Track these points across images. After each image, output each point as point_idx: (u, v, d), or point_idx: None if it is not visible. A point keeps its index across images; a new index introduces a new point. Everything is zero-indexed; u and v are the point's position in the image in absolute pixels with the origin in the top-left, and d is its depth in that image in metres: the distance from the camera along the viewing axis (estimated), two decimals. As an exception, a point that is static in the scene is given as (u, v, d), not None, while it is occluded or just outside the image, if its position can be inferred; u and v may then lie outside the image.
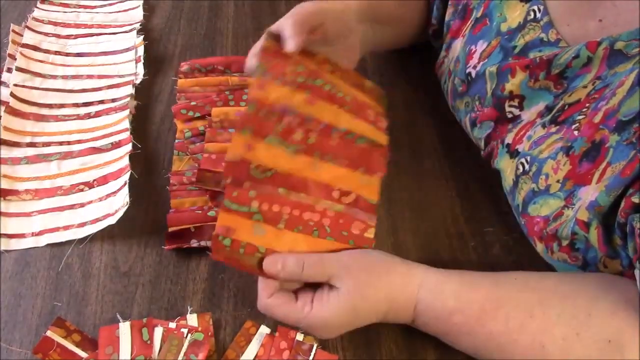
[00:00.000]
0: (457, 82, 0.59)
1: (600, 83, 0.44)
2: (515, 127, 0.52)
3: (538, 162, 0.48)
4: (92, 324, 0.49)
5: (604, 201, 0.40)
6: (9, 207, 0.56)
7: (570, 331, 0.40)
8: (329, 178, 0.50)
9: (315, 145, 0.50)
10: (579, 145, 0.44)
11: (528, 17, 0.51)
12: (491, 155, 0.55)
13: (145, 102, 0.69)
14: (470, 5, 0.59)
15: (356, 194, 0.50)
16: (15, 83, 0.67)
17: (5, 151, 0.60)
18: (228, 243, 0.45)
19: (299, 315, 0.44)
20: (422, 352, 0.48)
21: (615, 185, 0.39)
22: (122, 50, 0.74)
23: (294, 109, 0.50)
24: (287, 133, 0.49)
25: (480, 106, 0.55)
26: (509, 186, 0.52)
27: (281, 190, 0.48)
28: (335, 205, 0.49)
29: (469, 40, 0.58)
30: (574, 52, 0.45)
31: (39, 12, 0.78)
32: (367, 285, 0.44)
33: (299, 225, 0.48)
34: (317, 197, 0.49)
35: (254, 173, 0.47)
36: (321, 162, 0.50)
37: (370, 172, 0.52)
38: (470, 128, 0.57)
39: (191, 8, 0.84)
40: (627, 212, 0.38)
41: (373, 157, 0.53)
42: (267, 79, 0.50)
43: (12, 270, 0.52)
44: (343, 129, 0.52)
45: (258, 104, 0.49)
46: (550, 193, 0.46)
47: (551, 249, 0.46)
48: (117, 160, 0.60)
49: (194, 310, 0.50)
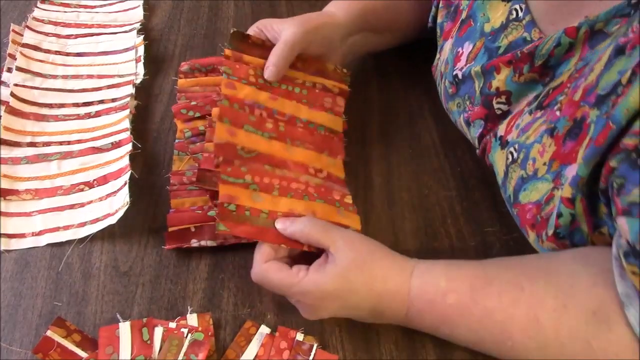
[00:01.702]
0: (447, 84, 0.59)
1: (581, 63, 0.44)
2: (506, 119, 0.52)
3: (525, 148, 0.48)
4: (92, 324, 0.49)
5: (583, 172, 0.40)
6: (9, 207, 0.56)
7: (559, 303, 0.41)
8: (303, 159, 0.57)
9: (285, 133, 0.57)
10: (562, 125, 0.44)
11: (510, 16, 0.51)
12: (485, 152, 0.55)
13: (145, 102, 0.69)
14: (461, 7, 0.59)
15: (327, 171, 0.57)
16: (16, 83, 0.67)
17: (5, 151, 0.60)
18: (233, 208, 0.49)
19: (292, 280, 0.45)
20: (422, 352, 0.48)
21: (591, 155, 0.39)
22: (122, 50, 0.74)
23: (261, 104, 0.57)
24: (259, 123, 0.56)
25: (471, 105, 0.55)
26: (501, 178, 0.52)
27: (267, 166, 0.54)
28: (313, 179, 0.56)
29: (456, 43, 0.58)
30: (554, 42, 0.45)
31: (39, 12, 0.78)
32: (364, 261, 0.46)
33: (290, 192, 0.53)
34: (297, 172, 0.55)
35: (241, 153, 0.53)
36: (293, 147, 0.57)
37: (334, 155, 0.59)
38: (466, 128, 0.58)
39: (191, 8, 0.84)
40: (607, 177, 0.38)
41: (333, 143, 0.60)
42: (233, 80, 0.57)
43: (12, 270, 0.52)
44: (305, 119, 0.59)
45: (230, 99, 0.56)
46: (538, 177, 0.46)
47: (541, 237, 0.46)
48: (117, 160, 0.60)
49: (194, 310, 0.50)
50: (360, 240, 0.48)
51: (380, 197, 0.60)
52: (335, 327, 0.50)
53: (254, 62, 0.59)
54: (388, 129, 0.67)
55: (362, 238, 0.49)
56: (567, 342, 0.40)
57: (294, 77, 0.61)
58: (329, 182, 0.57)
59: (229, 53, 0.59)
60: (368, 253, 0.47)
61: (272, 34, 0.60)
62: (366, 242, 0.48)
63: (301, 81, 0.61)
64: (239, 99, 0.56)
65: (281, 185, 0.53)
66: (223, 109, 0.55)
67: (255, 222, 0.49)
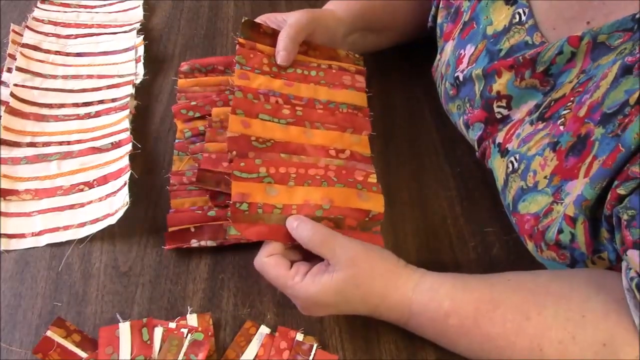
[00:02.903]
0: (447, 86, 0.59)
1: (584, 76, 0.44)
2: (506, 126, 0.52)
3: (526, 159, 0.48)
4: (92, 324, 0.49)
5: (589, 194, 0.40)
6: (9, 207, 0.56)
7: (567, 335, 0.40)
8: (323, 141, 0.56)
9: (303, 117, 0.56)
10: (565, 140, 0.44)
11: (513, 20, 0.51)
12: (484, 156, 0.56)
13: (145, 102, 0.69)
14: (462, 8, 0.59)
15: (350, 150, 0.56)
16: (16, 83, 0.67)
17: (5, 151, 0.60)
18: (246, 207, 0.48)
19: (287, 282, 0.45)
20: (422, 352, 0.48)
21: (598, 177, 0.39)
22: (122, 50, 0.74)
23: (276, 91, 0.57)
24: (275, 110, 0.55)
25: (471, 108, 0.55)
26: (501, 186, 0.52)
27: (283, 155, 0.53)
28: (334, 160, 0.54)
29: (458, 44, 0.58)
30: (556, 49, 0.45)
31: (39, 12, 0.78)
32: (363, 277, 0.45)
33: (307, 180, 0.52)
34: (316, 156, 0.54)
35: (255, 144, 0.52)
36: (312, 130, 0.56)
37: (358, 132, 0.58)
38: (465, 130, 0.58)
39: (191, 8, 0.84)
40: (613, 204, 0.38)
41: (357, 118, 0.59)
42: (246, 70, 0.57)
43: (12, 270, 0.52)
44: (324, 100, 0.59)
45: (244, 90, 0.55)
46: (538, 190, 0.46)
47: (540, 247, 0.46)
48: (117, 160, 0.60)
49: (194, 310, 0.50)
50: (365, 253, 0.46)
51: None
52: (335, 327, 0.50)
53: (266, 50, 0.60)
54: (388, 129, 0.67)
55: (366, 250, 0.46)
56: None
57: (309, 61, 0.61)
58: (352, 161, 0.55)
59: (243, 41, 0.59)
60: (369, 269, 0.45)
61: (277, 23, 0.61)
62: (370, 256, 0.46)
63: (316, 64, 0.61)
64: (252, 89, 0.56)
65: (298, 173, 0.52)
66: (236, 101, 0.54)
67: (267, 220, 0.49)
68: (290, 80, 0.59)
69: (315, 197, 0.51)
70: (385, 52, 0.73)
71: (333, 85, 0.60)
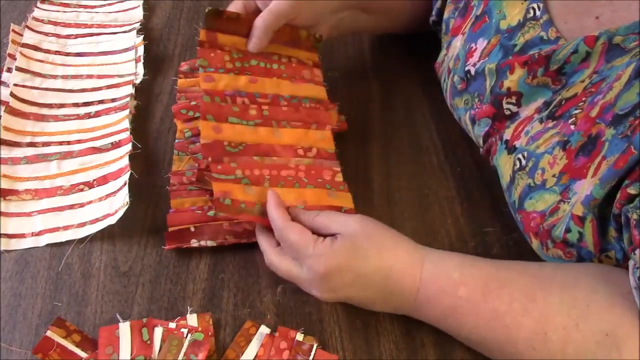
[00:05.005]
0: (456, 79, 0.59)
1: (597, 76, 0.44)
2: (513, 123, 0.52)
3: (535, 157, 0.48)
4: (92, 324, 0.49)
5: (599, 194, 0.40)
6: (9, 207, 0.56)
7: (571, 322, 0.40)
8: (290, 140, 0.57)
9: (270, 116, 0.57)
10: (575, 140, 0.44)
11: (527, 15, 0.51)
12: (490, 152, 0.56)
13: (145, 102, 0.69)
14: (471, 3, 0.59)
15: (316, 147, 0.57)
16: (15, 83, 0.67)
17: (5, 151, 0.60)
18: (229, 202, 0.50)
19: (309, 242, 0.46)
20: (422, 352, 0.48)
21: (608, 177, 0.39)
22: (122, 50, 0.74)
23: (242, 90, 0.57)
24: (243, 112, 0.56)
25: (480, 103, 0.55)
26: (506, 183, 0.52)
27: (256, 157, 0.54)
28: (303, 159, 0.56)
29: (469, 38, 0.58)
30: (572, 48, 0.45)
31: (39, 12, 0.78)
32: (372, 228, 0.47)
33: (280, 181, 0.54)
34: (286, 157, 0.56)
35: (229, 149, 0.54)
36: (279, 129, 0.57)
37: (322, 127, 0.59)
38: (471, 126, 0.57)
39: (191, 8, 0.84)
40: (622, 203, 0.38)
41: (320, 112, 0.60)
42: (210, 72, 0.57)
43: (12, 270, 0.52)
44: (287, 96, 0.59)
45: (211, 93, 0.56)
46: (546, 188, 0.46)
47: (546, 245, 0.46)
48: (117, 160, 0.60)
49: (194, 310, 0.50)
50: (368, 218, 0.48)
51: (380, 197, 0.60)
52: (335, 327, 0.50)
53: (228, 43, 0.58)
54: (388, 128, 0.67)
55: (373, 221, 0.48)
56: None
57: (269, 53, 0.60)
58: (319, 159, 0.57)
59: (203, 36, 0.57)
60: (376, 226, 0.47)
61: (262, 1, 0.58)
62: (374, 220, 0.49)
63: (277, 57, 0.61)
64: (219, 91, 0.56)
65: (271, 175, 0.53)
66: (205, 106, 0.55)
67: (251, 212, 0.50)
68: (254, 76, 0.58)
69: (290, 198, 0.52)
70: (386, 49, 0.73)
71: (295, 79, 0.61)
